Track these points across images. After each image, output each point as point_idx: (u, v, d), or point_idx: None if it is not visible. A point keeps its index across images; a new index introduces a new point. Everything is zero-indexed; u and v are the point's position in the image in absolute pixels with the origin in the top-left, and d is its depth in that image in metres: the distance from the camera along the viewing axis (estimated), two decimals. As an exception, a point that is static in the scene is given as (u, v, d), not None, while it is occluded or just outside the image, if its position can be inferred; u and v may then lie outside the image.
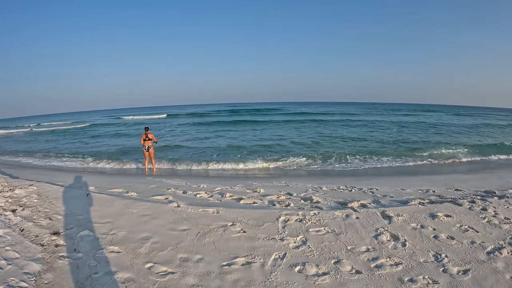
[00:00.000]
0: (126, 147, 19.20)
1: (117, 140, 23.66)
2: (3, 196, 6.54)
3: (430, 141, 18.03)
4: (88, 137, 27.54)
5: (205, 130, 26.28)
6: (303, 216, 4.98)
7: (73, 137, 27.70)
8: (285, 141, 18.72)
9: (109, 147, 19.53)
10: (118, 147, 19.63)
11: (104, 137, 26.00)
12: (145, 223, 4.88)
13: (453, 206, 5.31)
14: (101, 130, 32.97)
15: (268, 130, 24.77)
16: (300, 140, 18.53)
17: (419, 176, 9.42)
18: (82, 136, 29.00)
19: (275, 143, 18.03)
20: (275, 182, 8.76)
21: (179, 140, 20.39)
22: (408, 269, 3.40)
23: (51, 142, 24.88)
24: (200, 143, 18.60)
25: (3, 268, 3.59)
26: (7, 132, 38.78)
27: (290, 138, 19.63)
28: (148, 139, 11.56)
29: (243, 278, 3.30)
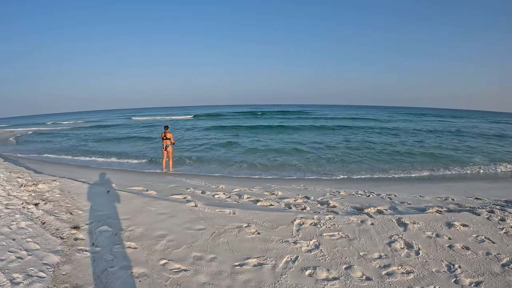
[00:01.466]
0: (149, 146, 19.54)
1: (140, 139, 24.09)
2: (26, 190, 6.80)
3: (458, 148, 17.55)
4: (111, 136, 28.15)
5: (231, 133, 26.11)
6: (318, 220, 5.01)
7: (97, 136, 28.34)
8: (309, 145, 18.57)
9: (132, 146, 19.92)
10: (141, 146, 20.02)
11: (127, 137, 26.43)
12: (162, 221, 5.01)
13: (471, 215, 5.21)
14: (123, 131, 33.54)
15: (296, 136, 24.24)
16: (329, 146, 18.20)
17: (440, 183, 9.29)
18: (105, 134, 29.66)
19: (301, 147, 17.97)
20: (293, 185, 8.78)
21: (200, 143, 20.51)
22: (419, 278, 3.38)
23: (74, 139, 25.54)
24: (224, 146, 18.61)
25: (24, 258, 3.77)
26: (27, 130, 40.05)
27: (318, 143, 19.37)
28: (166, 138, 11.76)
29: (253, 279, 3.36)
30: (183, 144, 19.23)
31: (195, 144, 19.35)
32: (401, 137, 22.66)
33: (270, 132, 26.75)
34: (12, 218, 5.14)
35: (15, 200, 6.11)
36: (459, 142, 20.30)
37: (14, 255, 3.85)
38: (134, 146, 20.14)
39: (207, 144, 19.27)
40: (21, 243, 4.24)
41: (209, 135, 25.17)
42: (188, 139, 21.92)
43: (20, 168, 9.98)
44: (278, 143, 19.49)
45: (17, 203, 5.96)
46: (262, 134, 24.87)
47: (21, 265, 3.63)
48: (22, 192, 6.68)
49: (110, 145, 21.12)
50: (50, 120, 66.89)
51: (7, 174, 8.73)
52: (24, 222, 5.00)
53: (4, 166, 10.38)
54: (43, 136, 30.47)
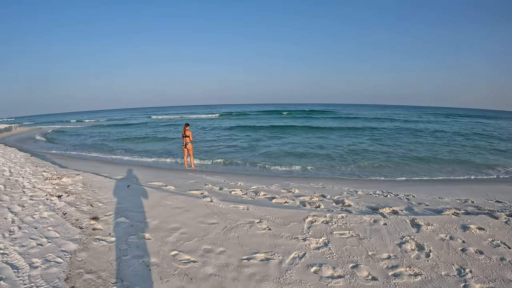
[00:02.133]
0: (173, 143, 19.85)
1: (160, 138, 24.47)
2: (51, 183, 7.07)
3: (483, 150, 17.03)
4: (135, 134, 28.74)
5: (260, 134, 25.79)
6: (330, 218, 5.02)
7: (120, 134, 28.98)
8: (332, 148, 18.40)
9: (155, 144, 20.34)
10: (163, 144, 20.38)
11: (150, 135, 26.87)
12: (177, 214, 5.14)
13: (489, 218, 5.07)
14: (146, 130, 34.09)
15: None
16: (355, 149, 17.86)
17: (461, 185, 9.05)
18: (128, 133, 30.28)
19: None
20: (312, 183, 8.76)
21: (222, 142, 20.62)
22: (427, 281, 3.33)
23: (97, 137, 26.32)
24: (248, 146, 18.62)
25: (43, 245, 3.99)
26: (54, 127, 41.33)
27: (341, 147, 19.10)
28: (185, 136, 11.96)
29: (258, 273, 3.42)
30: (206, 144, 19.39)
31: (219, 144, 19.44)
32: (426, 138, 22.14)
33: (297, 133, 26.48)
34: (35, 209, 5.39)
35: (40, 192, 6.38)
36: (488, 144, 19.64)
37: (34, 242, 4.08)
38: (156, 144, 20.46)
39: (232, 144, 19.38)
40: (42, 231, 4.46)
41: (234, 134, 25.18)
42: (212, 139, 22.06)
43: (46, 162, 10.34)
44: (304, 144, 19.35)
45: (41, 195, 6.21)
46: (290, 135, 24.52)
47: (40, 251, 3.85)
48: (47, 185, 6.95)
49: (133, 143, 21.54)
50: (74, 118, 68.78)
51: (33, 168, 9.09)
52: (46, 212, 5.24)
53: (31, 161, 10.79)
54: (69, 133, 31.56)
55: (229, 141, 20.72)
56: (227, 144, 19.43)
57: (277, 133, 26.12)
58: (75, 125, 48.32)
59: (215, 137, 23.14)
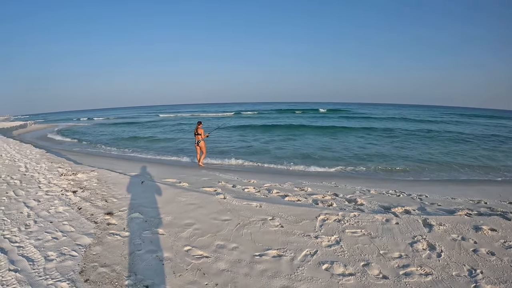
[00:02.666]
0: (182, 142, 20.02)
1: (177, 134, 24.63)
2: (66, 179, 7.20)
3: (499, 151, 16.76)
4: (147, 131, 29.00)
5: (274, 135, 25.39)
6: (342, 216, 5.05)
7: (132, 132, 29.27)
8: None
9: (168, 142, 20.46)
10: (178, 141, 20.52)
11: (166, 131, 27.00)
12: (191, 211, 5.22)
13: (501, 220, 5.05)
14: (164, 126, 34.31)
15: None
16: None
17: (475, 186, 8.96)
18: (141, 130, 30.56)
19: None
20: (325, 182, 8.76)
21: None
22: (438, 280, 3.34)
23: (110, 135, 26.55)
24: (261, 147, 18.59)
25: (59, 239, 4.09)
26: (67, 125, 41.87)
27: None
28: (198, 134, 11.92)
29: (270, 269, 3.48)
30: (220, 143, 19.44)
31: (232, 144, 19.44)
32: (442, 141, 21.85)
33: (309, 131, 26.21)
34: (51, 203, 5.51)
35: (55, 188, 6.51)
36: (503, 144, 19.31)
37: (50, 236, 4.19)
38: (168, 142, 20.57)
39: (244, 143, 19.42)
40: (58, 225, 4.57)
41: (246, 133, 24.97)
42: (225, 138, 22.10)
43: (61, 159, 10.51)
44: (317, 143, 19.27)
45: (56, 190, 6.34)
46: (302, 134, 24.27)
47: (56, 244, 3.95)
48: (62, 181, 7.08)
49: (144, 141, 21.61)
50: (83, 116, 69.44)
51: (49, 164, 9.26)
52: (62, 207, 5.36)
53: (46, 157, 10.97)
54: (81, 131, 31.83)
55: (241, 140, 20.70)
56: (240, 143, 19.41)
57: (290, 132, 25.90)
58: (87, 122, 48.90)
59: (227, 136, 23.15)
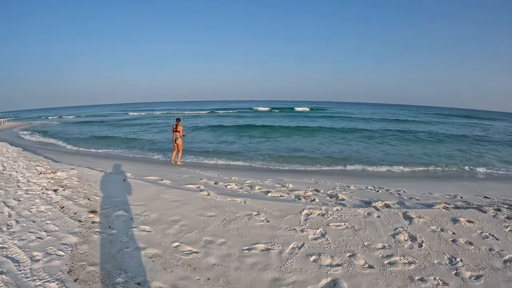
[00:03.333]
0: (165, 138, 19.86)
1: (154, 131, 24.38)
2: (45, 177, 7.07)
3: (475, 150, 17.33)
4: (131, 128, 28.56)
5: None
6: (325, 211, 5.16)
7: (115, 128, 28.80)
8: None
9: (144, 140, 20.26)
10: (152, 139, 20.38)
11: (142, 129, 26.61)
12: (176, 207, 5.22)
13: (477, 212, 5.26)
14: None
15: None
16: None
17: (451, 182, 9.29)
18: (124, 127, 30.07)
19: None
20: (305, 179, 8.90)
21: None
22: (421, 269, 3.48)
23: (84, 133, 26.00)
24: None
25: (43, 239, 4.02)
26: (42, 123, 40.84)
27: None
28: (176, 131, 11.85)
29: (260, 262, 3.54)
30: (195, 141, 19.37)
31: (209, 142, 19.40)
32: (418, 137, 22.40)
33: (283, 131, 26.19)
34: (32, 202, 5.40)
35: (35, 186, 6.38)
36: (481, 145, 19.85)
37: (34, 236, 4.10)
38: (144, 140, 20.35)
39: (221, 140, 19.45)
40: (41, 225, 4.48)
41: (220, 132, 24.68)
42: (201, 137, 22.00)
43: (39, 157, 10.30)
44: (293, 141, 19.46)
45: (36, 189, 6.22)
46: (276, 133, 24.23)
47: (41, 244, 3.87)
48: (41, 179, 6.95)
49: (122, 138, 21.31)
50: (55, 114, 67.60)
51: (27, 162, 9.06)
52: (43, 206, 5.26)
53: (23, 155, 10.73)
54: (55, 128, 31.06)
55: (216, 138, 20.70)
56: (216, 140, 19.45)
57: (264, 130, 25.80)
58: (58, 120, 47.51)
59: (202, 134, 23.03)
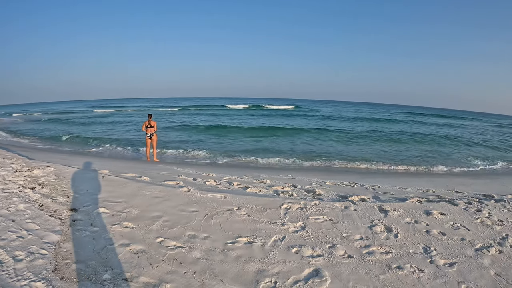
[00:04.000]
0: (139, 135, 19.67)
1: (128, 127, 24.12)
2: (22, 175, 6.92)
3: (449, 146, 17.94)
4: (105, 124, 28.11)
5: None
6: (304, 205, 5.30)
7: (86, 125, 28.28)
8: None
9: (120, 136, 20.01)
10: (130, 135, 20.15)
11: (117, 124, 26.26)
12: (157, 204, 5.23)
13: (449, 205, 5.52)
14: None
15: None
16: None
17: (423, 178, 9.62)
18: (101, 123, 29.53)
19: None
20: (281, 175, 9.06)
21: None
22: (397, 257, 3.67)
23: (57, 129, 25.45)
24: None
25: (24, 238, 3.93)
26: (11, 120, 39.59)
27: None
28: (150, 127, 11.66)
29: (244, 255, 3.63)
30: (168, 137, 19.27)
31: (182, 139, 19.33)
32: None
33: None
34: (9, 201, 5.26)
35: (11, 185, 6.22)
36: (452, 143, 20.51)
37: (15, 235, 4.00)
38: (118, 137, 20.09)
39: (194, 138, 19.41)
40: (21, 223, 4.38)
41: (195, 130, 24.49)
42: (175, 134, 21.84)
43: (13, 154, 10.02)
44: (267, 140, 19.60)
45: (13, 187, 6.07)
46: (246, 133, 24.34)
47: (22, 243, 3.79)
48: (18, 177, 6.78)
49: (96, 135, 20.88)
50: (20, 111, 64.73)
51: (1, 160, 8.80)
52: (22, 204, 5.13)
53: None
54: (24, 126, 30.11)
55: (190, 135, 20.68)
56: (189, 138, 19.43)
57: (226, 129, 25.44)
58: (24, 118, 45.71)
59: (169, 132, 22.82)
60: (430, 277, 3.32)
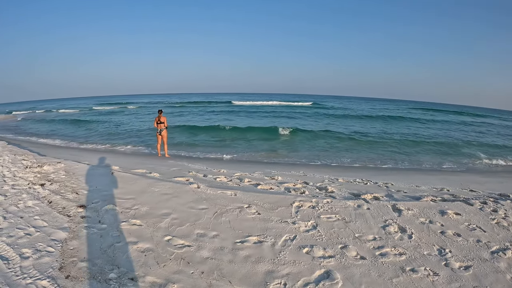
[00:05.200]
0: (150, 131, 19.73)
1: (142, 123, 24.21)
2: (32, 172, 6.95)
3: (461, 142, 17.69)
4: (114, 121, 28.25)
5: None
6: (316, 203, 5.19)
7: (95, 122, 28.46)
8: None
9: (135, 131, 20.06)
10: (141, 131, 20.20)
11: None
12: (166, 201, 5.19)
13: (464, 205, 5.36)
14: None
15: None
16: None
17: (437, 175, 9.41)
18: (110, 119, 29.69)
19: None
20: (293, 171, 8.93)
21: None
22: (411, 259, 3.54)
23: (71, 125, 25.63)
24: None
25: (32, 235, 3.93)
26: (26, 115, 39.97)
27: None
28: (160, 122, 11.64)
29: (253, 255, 3.55)
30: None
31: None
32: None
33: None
34: (19, 198, 5.29)
35: (21, 181, 6.26)
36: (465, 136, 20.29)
37: (22, 232, 4.01)
38: (128, 131, 20.22)
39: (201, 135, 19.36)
40: (29, 220, 4.39)
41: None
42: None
43: (24, 151, 10.13)
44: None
45: (23, 183, 6.10)
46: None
47: (29, 241, 3.79)
48: (28, 174, 6.83)
49: (105, 131, 21.07)
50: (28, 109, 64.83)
51: (12, 156, 8.89)
52: (31, 201, 5.15)
53: (8, 149, 10.53)
54: (40, 122, 30.46)
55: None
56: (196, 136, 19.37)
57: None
58: (34, 115, 46.13)
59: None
60: (445, 280, 3.19)
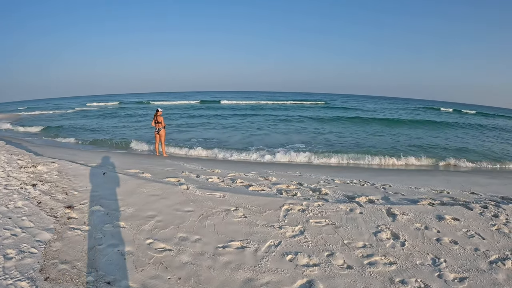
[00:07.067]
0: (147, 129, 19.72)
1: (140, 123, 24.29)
2: (26, 172, 6.92)
3: (464, 143, 17.41)
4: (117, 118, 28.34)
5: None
6: (306, 206, 5.06)
7: (95, 120, 28.56)
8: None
9: (133, 131, 20.09)
10: (137, 130, 20.27)
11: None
12: (153, 202, 5.11)
13: (463, 209, 5.17)
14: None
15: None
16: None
17: (438, 176, 9.20)
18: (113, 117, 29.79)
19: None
20: (289, 171, 8.82)
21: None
22: (402, 269, 3.37)
23: (71, 124, 25.64)
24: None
25: (18, 235, 3.90)
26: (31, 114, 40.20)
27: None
28: (158, 122, 11.60)
29: (234, 261, 3.43)
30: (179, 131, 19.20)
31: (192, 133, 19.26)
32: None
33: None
34: (10, 198, 5.27)
35: (14, 181, 6.23)
36: (468, 137, 20.00)
37: (9, 232, 3.99)
38: (126, 130, 20.24)
39: (206, 133, 19.30)
40: (17, 221, 4.37)
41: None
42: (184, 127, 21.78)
43: (21, 150, 10.09)
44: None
45: (15, 184, 6.08)
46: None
47: (15, 241, 3.77)
48: (21, 174, 6.79)
49: (104, 130, 21.10)
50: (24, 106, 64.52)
51: (8, 156, 8.85)
52: (21, 201, 5.13)
53: (5, 149, 10.50)
54: (43, 120, 30.58)
55: (202, 130, 20.63)
56: (200, 133, 19.32)
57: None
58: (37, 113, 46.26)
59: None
60: (437, 294, 3.03)
